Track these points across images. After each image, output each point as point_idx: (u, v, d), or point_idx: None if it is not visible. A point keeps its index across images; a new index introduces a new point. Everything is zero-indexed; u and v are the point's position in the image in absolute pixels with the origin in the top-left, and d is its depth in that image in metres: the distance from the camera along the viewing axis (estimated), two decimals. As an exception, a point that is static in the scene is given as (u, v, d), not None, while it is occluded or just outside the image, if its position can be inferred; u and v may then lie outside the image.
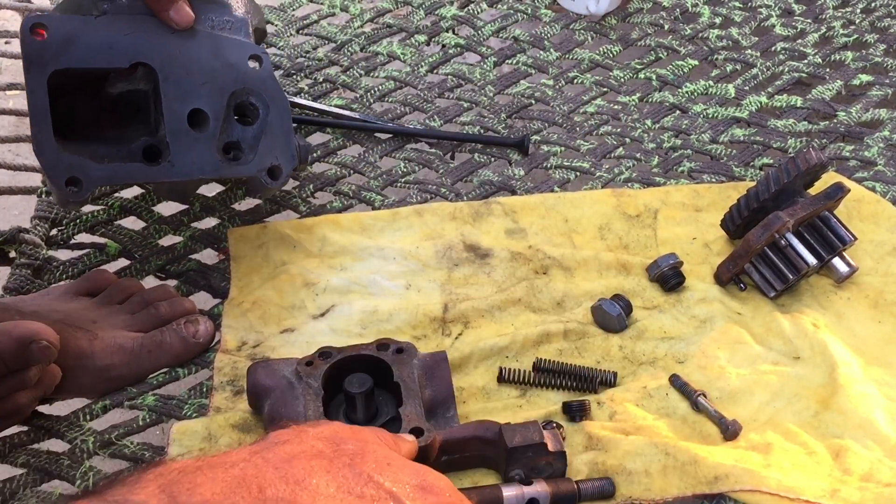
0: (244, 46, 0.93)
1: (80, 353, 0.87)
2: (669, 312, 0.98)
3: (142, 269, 1.02)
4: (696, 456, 0.81)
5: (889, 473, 0.81)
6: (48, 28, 0.85)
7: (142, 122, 0.94)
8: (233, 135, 0.93)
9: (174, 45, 0.90)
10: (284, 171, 0.94)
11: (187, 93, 0.90)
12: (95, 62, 0.87)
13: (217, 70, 0.91)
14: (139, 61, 0.89)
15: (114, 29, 0.88)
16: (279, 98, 0.93)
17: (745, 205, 1.00)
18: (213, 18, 0.93)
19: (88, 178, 0.87)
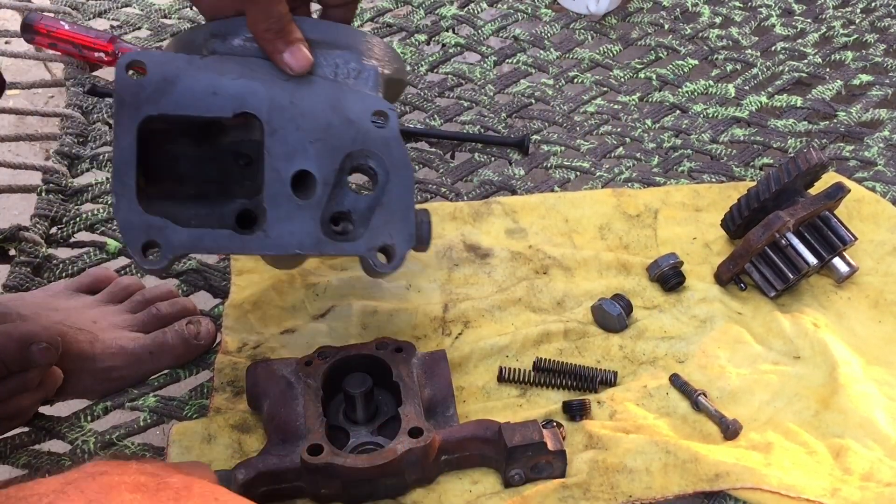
0: (368, 100, 0.79)
1: (81, 355, 0.87)
2: (670, 312, 0.98)
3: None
4: (696, 454, 0.81)
5: (889, 473, 0.81)
6: (147, 67, 0.74)
7: (247, 180, 0.82)
8: (343, 204, 0.79)
9: (286, 94, 0.77)
10: (399, 252, 0.80)
11: (295, 150, 0.77)
12: (195, 109, 0.75)
13: (333, 126, 0.78)
14: (244, 111, 0.76)
15: (220, 72, 0.75)
16: (403, 165, 0.80)
17: (745, 204, 1.00)
18: (338, 65, 0.79)
19: (168, 244, 0.75)
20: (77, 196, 1.09)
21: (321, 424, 0.77)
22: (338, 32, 0.80)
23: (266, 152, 0.76)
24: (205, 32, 0.78)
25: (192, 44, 0.78)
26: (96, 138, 1.18)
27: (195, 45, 0.78)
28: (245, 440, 0.83)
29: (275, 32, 0.75)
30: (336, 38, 0.80)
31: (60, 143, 1.16)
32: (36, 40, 1.29)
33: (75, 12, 1.37)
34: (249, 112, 0.76)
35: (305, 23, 0.78)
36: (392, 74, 0.83)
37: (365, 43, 0.81)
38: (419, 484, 0.79)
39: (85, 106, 1.23)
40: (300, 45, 0.76)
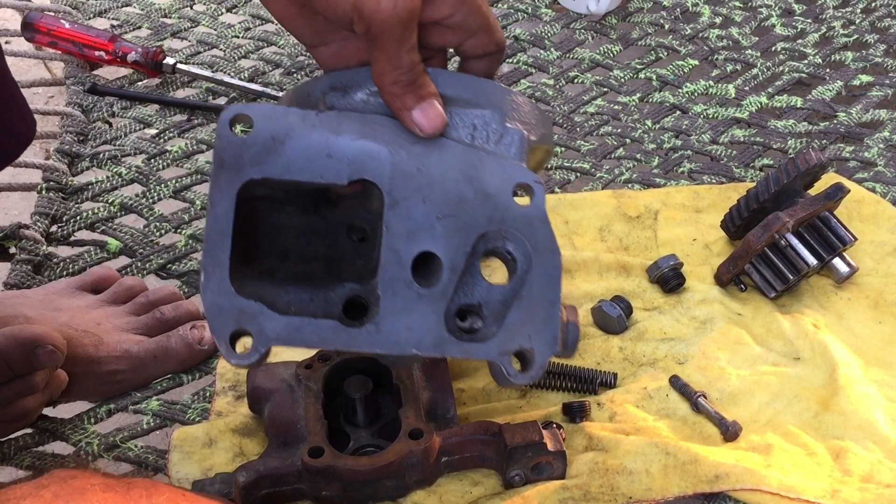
0: (511, 170, 0.66)
1: (86, 358, 0.87)
2: (670, 313, 0.98)
3: (143, 268, 1.02)
4: (696, 455, 0.81)
5: (889, 474, 0.81)
6: (254, 122, 0.63)
7: (360, 259, 0.70)
8: (472, 295, 0.66)
9: (413, 159, 0.64)
10: (538, 360, 0.65)
11: (420, 227, 0.63)
12: (306, 174, 0.63)
13: (467, 200, 0.64)
14: (362, 178, 0.63)
15: (337, 131, 0.64)
16: (549, 250, 0.66)
17: (745, 205, 1.00)
18: (476, 126, 0.67)
19: (262, 334, 0.62)
20: (77, 194, 1.09)
21: (322, 427, 0.77)
22: (478, 88, 0.67)
23: (384, 228, 0.63)
24: (323, 84, 0.67)
25: (308, 97, 0.68)
26: (96, 137, 1.18)
27: (312, 98, 0.68)
28: (246, 444, 0.83)
29: (404, 86, 0.63)
30: (475, 94, 0.67)
31: (60, 142, 1.16)
32: (36, 39, 1.29)
33: (75, 11, 1.37)
34: (368, 179, 0.64)
35: (440, 76, 0.66)
36: (539, 141, 0.70)
37: (509, 102, 0.68)
38: (420, 485, 0.79)
39: (85, 104, 1.23)
40: (433, 102, 0.64)
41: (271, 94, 1.25)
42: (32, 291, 0.95)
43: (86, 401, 0.91)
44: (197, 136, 1.19)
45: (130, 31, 1.36)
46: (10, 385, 0.81)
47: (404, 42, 0.61)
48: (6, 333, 0.79)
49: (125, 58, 1.26)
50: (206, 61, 1.32)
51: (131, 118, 1.21)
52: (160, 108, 1.24)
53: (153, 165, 1.14)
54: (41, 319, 0.87)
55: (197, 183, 1.13)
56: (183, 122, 1.21)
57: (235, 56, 1.33)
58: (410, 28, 0.61)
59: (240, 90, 1.26)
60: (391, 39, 0.61)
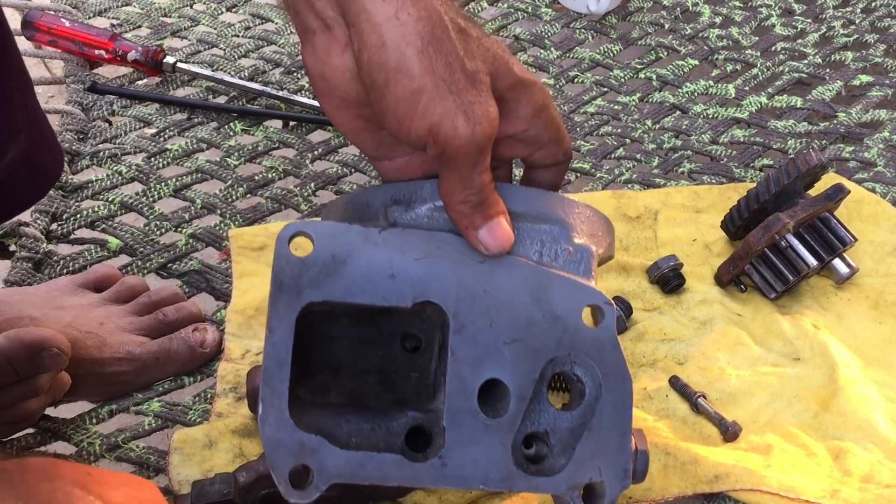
0: (580, 290, 0.63)
1: (89, 359, 0.87)
2: (669, 314, 0.98)
3: (143, 267, 1.02)
4: (696, 455, 0.81)
5: (889, 475, 0.81)
6: (314, 241, 0.60)
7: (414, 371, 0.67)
8: (539, 423, 0.63)
9: (479, 280, 0.61)
10: (609, 494, 0.62)
11: (486, 353, 0.61)
12: (368, 296, 0.60)
13: (536, 323, 0.62)
14: (427, 300, 0.61)
15: (401, 249, 0.61)
16: (620, 376, 0.63)
17: (745, 206, 1.00)
18: (544, 242, 0.64)
19: (323, 471, 0.59)
20: (77, 192, 1.09)
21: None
22: (546, 203, 0.64)
23: (450, 353, 0.60)
24: (384, 196, 0.64)
25: (367, 208, 0.64)
26: (96, 135, 1.18)
27: (372, 210, 0.64)
28: (246, 445, 0.83)
29: (473, 206, 0.60)
30: (544, 209, 0.64)
31: (60, 140, 1.16)
32: (36, 37, 1.29)
33: (75, 11, 1.37)
34: (433, 301, 0.61)
35: (508, 191, 0.63)
36: (604, 253, 0.68)
37: (577, 215, 0.65)
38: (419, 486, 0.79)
39: (85, 103, 1.23)
40: (500, 220, 0.61)
41: (271, 93, 1.25)
42: (35, 288, 0.95)
43: (87, 401, 0.91)
44: (197, 134, 1.19)
45: (130, 30, 1.36)
46: (14, 387, 0.81)
47: (478, 165, 0.59)
48: (11, 336, 0.79)
49: (125, 56, 1.26)
50: (206, 60, 1.31)
51: (131, 117, 1.21)
52: (160, 106, 1.24)
53: (153, 164, 1.14)
54: (45, 319, 0.87)
55: (197, 182, 1.13)
56: (183, 121, 1.21)
57: (235, 55, 1.33)
58: (486, 151, 0.59)
59: (240, 89, 1.26)
60: (465, 163, 0.59)
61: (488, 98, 0.58)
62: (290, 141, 1.20)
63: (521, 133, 0.63)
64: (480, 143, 0.58)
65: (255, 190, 1.13)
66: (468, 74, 0.57)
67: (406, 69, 0.55)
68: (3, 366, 0.78)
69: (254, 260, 1.02)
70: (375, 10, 0.55)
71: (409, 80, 0.56)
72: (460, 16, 0.59)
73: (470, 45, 0.58)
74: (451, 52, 0.56)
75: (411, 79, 0.56)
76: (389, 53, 0.55)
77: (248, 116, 1.23)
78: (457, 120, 0.56)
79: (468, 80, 0.57)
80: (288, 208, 1.12)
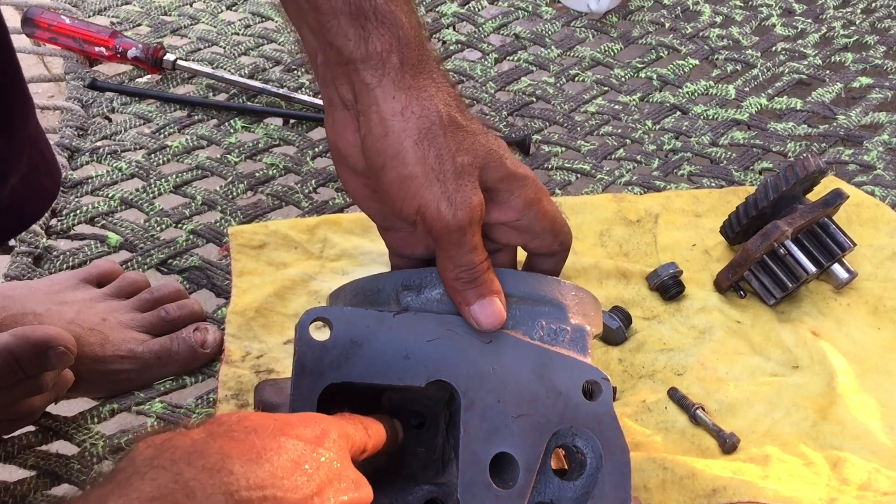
0: (578, 367, 0.67)
1: (92, 357, 0.87)
2: (669, 322, 0.98)
3: (143, 263, 1.02)
4: (693, 469, 0.81)
5: (887, 483, 0.82)
6: (333, 325, 0.64)
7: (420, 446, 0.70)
8: (545, 493, 0.66)
9: (487, 359, 0.65)
10: None
11: (495, 429, 0.64)
12: (384, 377, 0.64)
13: (540, 398, 0.66)
14: (440, 379, 0.65)
15: (414, 332, 0.65)
16: (618, 447, 0.66)
17: (744, 212, 1.01)
18: (543, 325, 0.68)
19: None
20: (77, 188, 1.09)
21: None
22: (544, 287, 0.69)
23: (462, 429, 0.64)
24: (395, 283, 0.68)
25: (378, 294, 0.68)
26: (96, 132, 1.18)
27: (383, 295, 0.68)
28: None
29: (465, 283, 0.66)
30: (542, 293, 0.69)
31: (60, 136, 1.16)
32: (36, 35, 1.28)
33: (75, 9, 1.37)
34: (444, 380, 0.65)
35: (509, 276, 0.68)
36: (595, 330, 0.73)
37: (573, 297, 0.70)
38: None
39: (85, 100, 1.22)
40: (494, 299, 0.66)
41: (272, 90, 1.25)
42: (37, 282, 0.95)
43: (88, 398, 0.91)
44: (197, 132, 1.19)
45: (130, 28, 1.35)
46: (20, 385, 0.81)
47: (464, 245, 0.65)
48: (18, 334, 0.79)
49: (125, 54, 1.26)
50: (206, 58, 1.31)
51: (131, 114, 1.21)
52: (160, 104, 1.23)
53: (153, 160, 1.14)
54: (49, 315, 0.87)
55: (197, 178, 1.12)
56: (183, 118, 1.21)
57: (235, 53, 1.33)
58: (471, 233, 0.65)
59: (240, 87, 1.26)
60: (451, 242, 0.65)
61: (473, 188, 0.65)
62: (290, 138, 1.20)
63: (514, 222, 0.69)
64: (462, 224, 0.64)
65: (255, 187, 1.13)
66: (456, 166, 0.64)
67: (401, 157, 0.63)
68: (10, 364, 0.79)
69: (253, 258, 1.02)
70: (385, 106, 0.63)
71: (402, 167, 0.64)
72: (462, 113, 0.66)
73: (464, 141, 0.65)
74: (443, 147, 0.64)
75: (405, 166, 0.64)
76: (390, 143, 0.63)
77: (249, 114, 1.23)
78: (441, 204, 0.64)
79: (455, 171, 0.64)
80: (289, 205, 1.12)
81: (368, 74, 0.63)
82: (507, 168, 0.67)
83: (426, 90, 0.65)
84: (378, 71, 0.63)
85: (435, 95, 0.65)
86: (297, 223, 1.06)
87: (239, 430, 0.51)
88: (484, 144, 0.67)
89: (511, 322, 0.67)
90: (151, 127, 1.19)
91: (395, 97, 0.63)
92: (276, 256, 1.02)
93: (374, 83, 0.63)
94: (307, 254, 1.03)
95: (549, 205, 0.70)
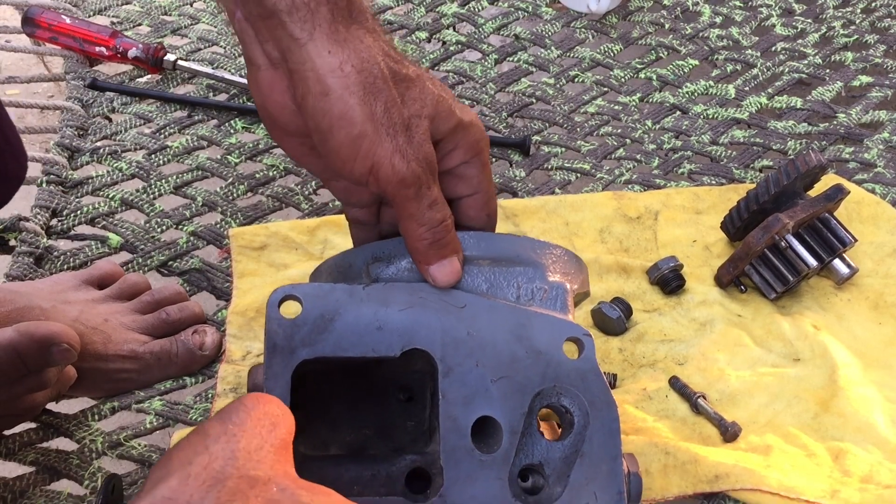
0: (558, 325, 0.66)
1: (94, 355, 0.87)
2: (669, 315, 0.98)
3: (144, 264, 1.02)
4: (696, 455, 0.81)
5: (889, 475, 0.82)
6: (303, 302, 0.63)
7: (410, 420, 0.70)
8: (533, 454, 0.65)
9: (462, 324, 0.64)
10: None
11: (475, 393, 0.63)
12: (358, 349, 0.63)
13: (520, 360, 0.64)
14: (414, 347, 0.63)
15: (385, 302, 0.64)
16: (605, 403, 0.65)
17: (744, 207, 1.01)
18: (520, 284, 0.67)
19: None
20: (77, 188, 1.09)
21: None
22: (518, 246, 0.68)
23: (441, 396, 0.63)
24: (365, 255, 0.67)
25: (350, 269, 0.67)
26: (96, 131, 1.18)
27: (354, 269, 0.67)
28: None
29: (429, 244, 0.64)
30: (516, 253, 0.67)
31: (61, 136, 1.16)
32: (37, 34, 1.29)
33: (75, 9, 1.37)
34: (420, 349, 0.63)
35: (481, 238, 0.67)
36: (579, 289, 0.71)
37: (549, 255, 0.68)
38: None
39: (85, 99, 1.23)
40: (454, 259, 0.65)
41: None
42: (40, 282, 0.95)
43: (89, 397, 0.91)
44: (198, 132, 1.19)
45: (131, 27, 1.36)
46: (23, 380, 0.81)
47: (422, 198, 0.63)
48: (21, 330, 0.79)
49: (126, 54, 1.26)
50: (206, 58, 1.31)
51: (131, 114, 1.21)
52: (161, 103, 1.24)
53: (154, 161, 1.14)
54: (54, 312, 0.87)
55: (198, 179, 1.12)
56: (183, 119, 1.21)
57: (236, 53, 1.33)
58: (427, 185, 0.63)
59: (240, 87, 1.26)
60: (408, 198, 0.63)
61: (424, 139, 0.63)
62: (290, 139, 1.20)
63: (458, 167, 0.67)
64: (417, 175, 0.62)
65: (256, 188, 1.13)
66: (404, 119, 0.61)
67: (349, 117, 0.60)
68: (14, 359, 0.79)
69: (254, 259, 1.02)
70: (321, 62, 0.59)
71: (351, 127, 0.60)
72: (402, 63, 0.63)
73: (410, 91, 0.62)
74: (389, 100, 0.61)
75: (353, 125, 0.60)
76: (333, 102, 0.60)
77: (249, 114, 1.23)
78: (394, 159, 0.61)
79: (404, 124, 0.61)
80: (289, 206, 1.12)
81: (297, 28, 0.59)
82: (456, 117, 0.65)
83: (363, 41, 0.61)
84: (307, 24, 0.59)
85: (373, 46, 0.61)
86: (297, 224, 1.06)
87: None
88: (431, 92, 0.63)
89: (486, 285, 0.66)
90: (152, 127, 1.20)
91: (331, 51, 0.59)
92: (276, 258, 1.02)
93: (305, 38, 0.59)
94: (308, 255, 1.03)
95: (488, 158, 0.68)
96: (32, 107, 1.22)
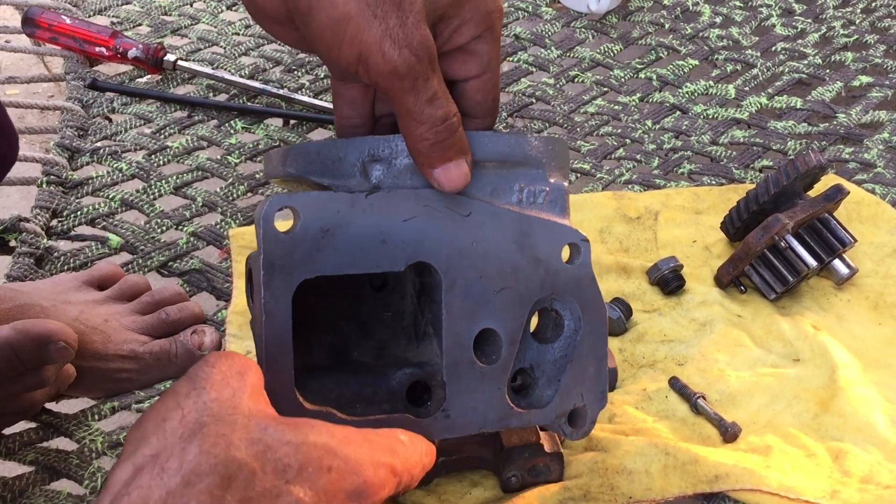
0: (559, 231, 0.64)
1: (94, 354, 0.87)
2: (669, 315, 0.98)
3: (144, 265, 1.02)
4: (696, 455, 0.81)
5: (888, 476, 0.81)
6: (300, 214, 0.57)
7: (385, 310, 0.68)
8: (524, 359, 0.66)
9: (467, 233, 0.61)
10: (590, 416, 0.67)
11: (478, 306, 0.62)
12: (361, 265, 0.59)
13: (521, 269, 0.63)
14: (419, 261, 0.61)
15: (389, 212, 0.59)
16: (596, 308, 0.65)
17: (744, 207, 1.01)
18: (523, 187, 0.63)
19: None
20: (77, 189, 1.09)
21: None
22: (520, 146, 0.63)
23: (444, 311, 0.61)
24: (359, 151, 0.61)
25: (341, 163, 0.61)
26: (96, 132, 1.18)
27: (346, 165, 0.61)
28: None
29: (431, 144, 0.58)
30: (521, 152, 0.63)
31: (61, 136, 1.16)
32: (37, 34, 1.29)
33: (76, 9, 1.37)
34: (425, 262, 0.61)
35: (484, 137, 0.62)
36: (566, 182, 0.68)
37: (550, 152, 0.64)
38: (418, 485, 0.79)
39: (85, 100, 1.23)
40: (461, 162, 0.59)
41: (272, 91, 1.25)
42: (41, 283, 0.95)
43: (89, 397, 0.91)
44: (198, 132, 1.19)
45: (131, 28, 1.36)
46: (21, 379, 0.81)
47: (419, 92, 0.56)
48: (18, 328, 0.79)
49: (126, 54, 1.26)
50: (206, 58, 1.32)
51: (131, 114, 1.21)
52: (161, 104, 1.24)
53: (153, 161, 1.14)
54: (54, 311, 0.87)
55: (198, 179, 1.13)
56: (183, 119, 1.21)
57: (236, 53, 1.33)
58: (425, 76, 0.56)
59: (240, 87, 1.26)
60: (403, 91, 0.56)
61: (418, 20, 0.55)
62: (290, 139, 1.20)
63: (469, 43, 0.60)
64: (411, 64, 0.55)
65: (255, 188, 1.13)
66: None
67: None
68: (10, 357, 0.79)
69: (254, 259, 1.01)
70: None
71: (332, 8, 0.53)
72: None
73: None
74: None
75: (334, 6, 0.53)
76: None
77: (249, 114, 1.23)
78: (384, 45, 0.54)
79: (395, 2, 0.54)
80: (288, 207, 1.12)
81: None
82: None
83: None
84: None
85: None
86: (296, 223, 1.06)
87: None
88: None
89: (490, 188, 0.62)
90: (152, 127, 1.20)
91: None
92: (276, 257, 1.02)
93: None
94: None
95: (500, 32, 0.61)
96: (32, 107, 1.22)
